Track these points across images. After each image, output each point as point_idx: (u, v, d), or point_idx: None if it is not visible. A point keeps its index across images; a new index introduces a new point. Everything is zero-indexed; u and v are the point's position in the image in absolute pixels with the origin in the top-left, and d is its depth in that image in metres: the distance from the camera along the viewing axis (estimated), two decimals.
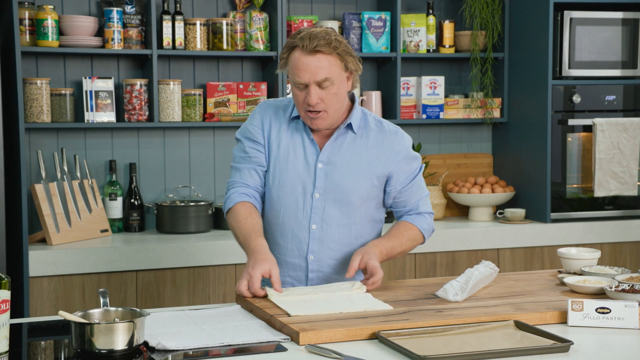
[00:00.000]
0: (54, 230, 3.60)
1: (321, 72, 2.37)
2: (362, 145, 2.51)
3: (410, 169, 2.56)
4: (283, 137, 2.51)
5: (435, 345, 1.87)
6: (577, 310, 2.07)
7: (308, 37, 2.37)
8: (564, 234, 4.08)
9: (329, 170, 2.48)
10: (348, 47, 2.42)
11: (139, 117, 3.86)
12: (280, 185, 2.50)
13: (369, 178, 2.50)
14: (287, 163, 2.49)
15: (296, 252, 2.51)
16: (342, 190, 2.48)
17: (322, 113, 2.42)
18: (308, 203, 2.49)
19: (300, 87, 2.40)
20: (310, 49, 2.36)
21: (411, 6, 4.37)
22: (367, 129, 2.54)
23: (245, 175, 2.53)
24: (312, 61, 2.36)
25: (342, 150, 2.50)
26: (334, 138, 2.50)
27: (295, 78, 2.39)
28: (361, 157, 2.50)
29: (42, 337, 2.16)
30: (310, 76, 2.37)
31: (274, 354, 1.87)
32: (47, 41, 3.68)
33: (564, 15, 4.06)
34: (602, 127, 4.09)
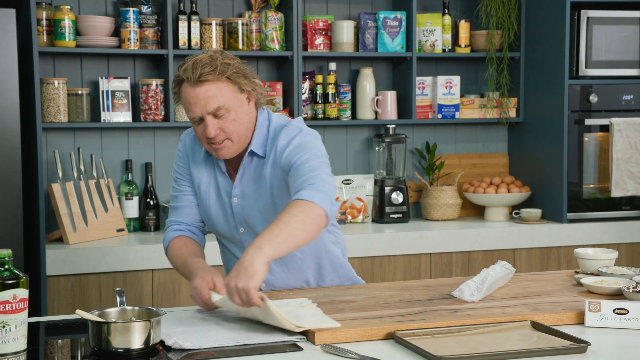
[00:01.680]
0: (71, 229, 3.62)
1: (212, 102, 2.20)
2: (260, 165, 2.33)
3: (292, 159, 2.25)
4: (202, 174, 2.41)
5: (451, 346, 1.87)
6: (595, 311, 2.05)
7: (191, 68, 2.20)
8: (580, 235, 4.06)
9: (245, 204, 2.35)
10: (239, 67, 2.24)
11: (155, 117, 3.87)
12: (212, 224, 2.44)
13: (271, 200, 2.32)
14: (209, 202, 2.41)
15: None
16: (262, 221, 2.32)
17: (225, 142, 2.25)
18: (238, 239, 2.40)
19: (197, 120, 2.24)
20: (195, 80, 2.19)
21: (427, 6, 4.36)
22: (273, 143, 2.32)
23: (180, 214, 2.44)
24: (200, 92, 2.19)
25: (251, 180, 2.34)
26: (243, 168, 2.33)
27: (189, 113, 2.24)
28: (271, 181, 2.31)
29: (59, 335, 2.17)
30: (201, 108, 2.20)
31: (290, 354, 1.87)
32: (64, 41, 3.70)
33: (580, 14, 4.04)
34: (619, 126, 4.07)
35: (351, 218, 4.16)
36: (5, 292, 1.75)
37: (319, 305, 2.15)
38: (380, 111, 4.20)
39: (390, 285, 2.47)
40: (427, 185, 4.27)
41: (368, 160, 4.34)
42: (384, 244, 3.82)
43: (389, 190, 4.16)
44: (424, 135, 4.41)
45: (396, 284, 2.52)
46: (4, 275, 1.76)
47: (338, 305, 2.19)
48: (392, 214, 4.15)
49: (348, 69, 4.30)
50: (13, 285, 1.76)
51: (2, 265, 1.77)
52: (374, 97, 4.20)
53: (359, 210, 4.19)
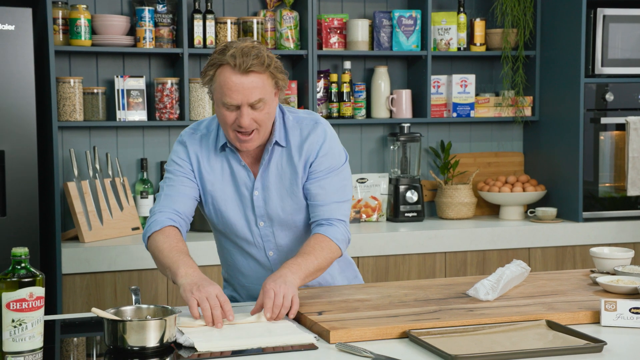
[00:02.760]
0: (86, 228, 3.63)
1: (255, 93, 2.18)
2: (290, 157, 2.34)
3: (325, 166, 2.34)
4: (215, 172, 2.35)
5: (467, 345, 1.87)
6: (611, 310, 2.05)
7: (240, 55, 2.16)
8: (596, 233, 4.04)
9: (266, 196, 2.34)
10: (278, 63, 2.25)
11: (170, 116, 3.88)
12: (226, 224, 2.37)
13: (299, 189, 2.34)
14: (225, 200, 2.35)
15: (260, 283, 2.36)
16: (277, 215, 2.34)
17: (253, 134, 2.24)
18: (257, 234, 2.37)
19: (231, 108, 2.21)
20: (244, 69, 2.16)
21: (442, 4, 4.35)
22: (288, 136, 2.35)
23: (175, 202, 2.31)
24: (245, 81, 2.17)
25: (273, 171, 2.34)
26: (265, 161, 2.33)
27: (226, 99, 2.19)
28: (292, 171, 2.33)
29: (75, 333, 2.18)
30: (243, 98, 2.18)
31: (305, 352, 1.87)
32: (80, 40, 3.71)
33: (597, 12, 4.02)
34: (636, 125, 4.05)
35: (366, 217, 4.16)
36: (21, 290, 1.76)
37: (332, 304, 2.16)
38: (395, 110, 4.19)
39: (405, 284, 2.47)
40: (442, 184, 4.26)
41: (383, 159, 4.33)
42: (398, 242, 3.82)
43: (403, 189, 4.15)
44: (438, 133, 4.40)
45: (411, 282, 2.51)
46: (20, 273, 1.77)
47: (353, 304, 2.19)
48: (406, 212, 4.14)
49: (363, 67, 4.29)
50: (29, 283, 1.77)
51: (18, 264, 1.78)
52: (389, 95, 4.20)
53: (373, 209, 4.19)
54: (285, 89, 2.31)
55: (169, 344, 1.89)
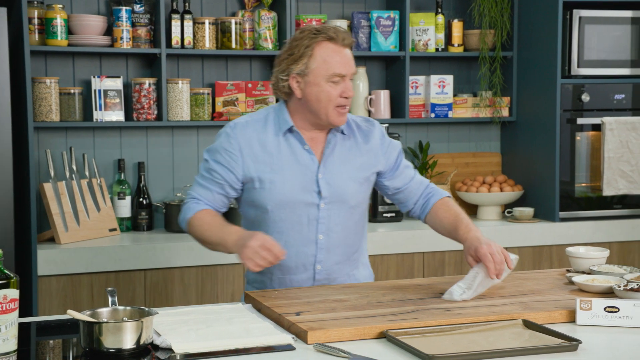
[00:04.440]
0: (63, 229, 3.61)
1: (354, 65, 2.39)
2: (352, 145, 2.50)
3: (395, 152, 2.57)
4: (272, 155, 2.42)
5: (444, 344, 1.87)
6: (586, 309, 2.06)
7: (336, 29, 2.36)
8: (572, 233, 4.07)
9: (330, 179, 2.44)
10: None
11: (148, 116, 3.86)
12: (280, 206, 2.42)
13: (364, 177, 2.50)
14: (283, 181, 2.41)
15: (302, 267, 2.47)
16: (344, 195, 2.45)
17: (348, 107, 2.41)
18: (314, 216, 2.44)
19: (336, 80, 2.36)
20: (345, 43, 2.36)
21: (420, 5, 4.36)
22: (352, 129, 2.52)
23: (209, 196, 2.44)
24: (348, 54, 2.37)
25: (337, 155, 2.47)
26: (332, 144, 2.46)
27: (336, 70, 2.35)
28: (355, 157, 2.48)
29: (51, 336, 2.17)
30: (349, 68, 2.37)
31: (282, 353, 1.87)
32: (56, 40, 3.69)
33: (573, 13, 4.05)
34: (611, 126, 4.08)
35: None
36: None
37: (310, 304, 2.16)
38: (374, 110, 4.20)
39: (383, 285, 2.47)
40: None
41: None
42: (377, 243, 3.82)
43: None
44: (417, 134, 4.41)
45: (389, 283, 2.52)
46: None
47: (331, 305, 2.19)
48: (385, 213, 4.15)
49: None
50: (3, 285, 1.76)
51: None
52: (367, 96, 4.20)
53: None
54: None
55: (146, 345, 1.88)
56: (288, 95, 2.45)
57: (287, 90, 2.43)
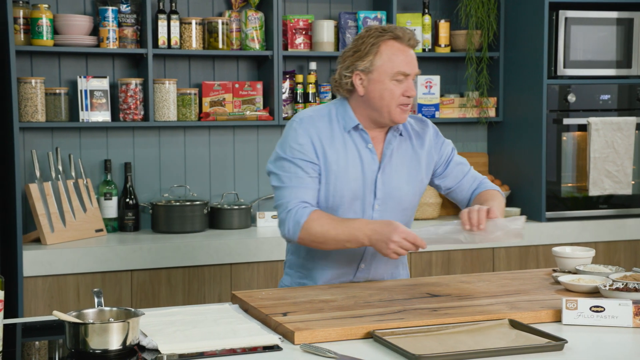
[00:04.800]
0: (49, 230, 3.59)
1: (417, 66, 2.42)
2: (409, 146, 2.52)
3: (447, 148, 2.60)
4: (338, 151, 2.42)
5: (430, 344, 1.87)
6: (572, 309, 2.07)
7: (406, 31, 2.39)
8: (558, 233, 4.08)
9: (386, 179, 2.46)
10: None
11: (134, 117, 3.85)
12: (338, 202, 2.42)
13: (420, 178, 2.53)
14: (345, 178, 2.42)
15: (346, 264, 2.49)
16: (400, 197, 2.48)
17: (409, 106, 2.43)
18: (368, 214, 2.46)
19: (400, 78, 2.38)
20: (410, 44, 2.39)
21: (407, 5, 4.37)
22: (408, 129, 2.54)
23: (312, 194, 2.40)
24: (412, 54, 2.40)
25: (396, 156, 2.48)
26: (392, 145, 2.47)
27: (400, 68, 2.37)
28: (411, 158, 2.51)
29: (37, 337, 2.16)
30: (413, 68, 2.39)
31: (269, 354, 1.86)
32: (41, 40, 3.67)
33: (559, 14, 4.07)
34: (597, 126, 4.10)
35: None
36: None
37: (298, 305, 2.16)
38: None
39: (369, 285, 2.47)
40: None
41: None
42: None
43: None
44: None
45: (376, 283, 2.52)
46: None
47: (318, 305, 2.19)
48: None
49: (328, 68, 4.29)
50: None
51: None
52: None
53: None
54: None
55: (132, 346, 1.87)
56: (350, 92, 2.46)
57: (349, 87, 2.44)
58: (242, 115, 3.97)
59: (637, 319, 2.04)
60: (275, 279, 3.69)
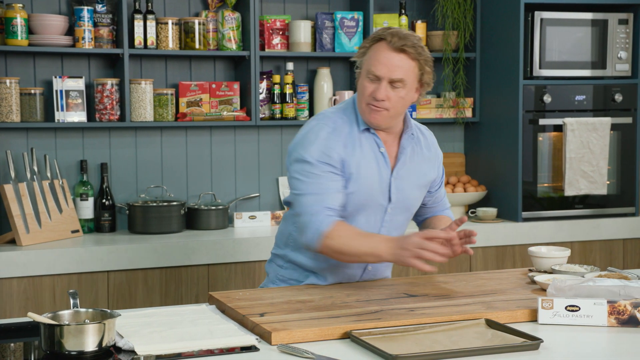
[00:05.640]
0: (24, 230, 3.56)
1: (399, 71, 2.34)
2: (419, 152, 2.53)
3: (442, 169, 2.65)
4: (355, 153, 2.40)
5: (407, 345, 1.88)
6: (547, 309, 2.08)
7: (397, 35, 2.35)
8: (535, 233, 4.11)
9: (399, 184, 2.47)
10: (430, 59, 2.41)
11: (110, 117, 3.83)
12: (352, 202, 2.40)
13: (425, 185, 2.56)
14: (362, 179, 2.40)
15: (355, 264, 2.49)
16: (409, 201, 2.51)
17: (383, 111, 2.37)
18: (379, 217, 2.46)
19: (372, 78, 2.36)
20: (397, 46, 2.34)
21: (384, 6, 4.38)
22: (416, 135, 2.54)
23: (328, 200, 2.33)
24: (394, 58, 2.34)
25: (408, 161, 2.49)
26: (407, 151, 2.48)
27: (372, 68, 2.35)
28: (421, 165, 2.53)
29: (11, 338, 2.14)
30: (387, 72, 2.34)
31: (246, 354, 1.86)
32: (16, 40, 3.64)
33: (534, 15, 4.09)
34: (572, 126, 4.13)
35: None
36: None
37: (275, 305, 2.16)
38: None
39: (347, 285, 2.48)
40: None
41: None
42: None
43: None
44: None
45: (353, 283, 2.52)
46: None
47: (295, 305, 2.19)
48: None
49: (305, 68, 4.29)
50: None
51: None
52: (332, 96, 4.21)
53: None
54: (429, 88, 2.46)
55: (108, 347, 1.86)
56: None
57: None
58: (219, 115, 3.96)
59: (611, 318, 2.06)
60: (252, 279, 3.68)
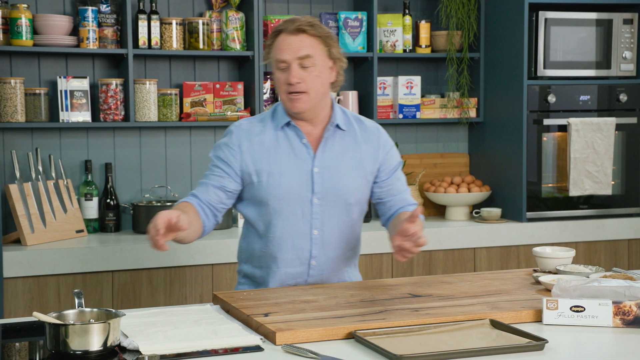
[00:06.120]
0: (29, 230, 3.57)
1: (303, 49, 2.38)
2: (351, 143, 2.52)
3: (395, 161, 2.60)
4: (271, 150, 2.46)
5: (412, 345, 1.88)
6: (552, 309, 2.08)
7: (291, 20, 2.41)
8: (539, 233, 4.10)
9: (325, 174, 2.47)
10: (332, 34, 2.45)
11: (115, 117, 3.84)
12: (276, 198, 2.44)
13: (363, 175, 2.52)
14: (280, 174, 2.45)
15: (297, 261, 2.49)
16: (340, 192, 2.48)
17: (302, 95, 2.41)
18: (307, 210, 2.46)
19: (282, 66, 2.40)
20: (293, 29, 2.39)
21: (387, 6, 4.38)
22: (351, 126, 2.54)
23: (201, 190, 2.47)
24: (294, 40, 2.39)
25: (335, 151, 2.49)
26: (325, 140, 2.49)
27: (277, 56, 2.40)
28: (353, 155, 2.51)
29: (17, 338, 2.14)
30: (292, 54, 2.38)
31: (250, 354, 1.86)
32: (21, 40, 3.65)
33: (539, 15, 4.09)
34: (577, 126, 4.12)
35: None
36: None
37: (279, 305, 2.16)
38: None
39: (351, 285, 2.48)
40: None
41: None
42: None
43: None
44: None
45: (357, 283, 2.52)
46: None
47: (299, 305, 2.19)
48: None
49: None
50: None
51: None
52: (336, 97, 4.21)
53: None
54: (343, 64, 2.49)
55: (113, 347, 1.87)
56: None
57: None
58: (223, 115, 3.96)
59: (616, 319, 2.06)
60: None
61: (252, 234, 2.56)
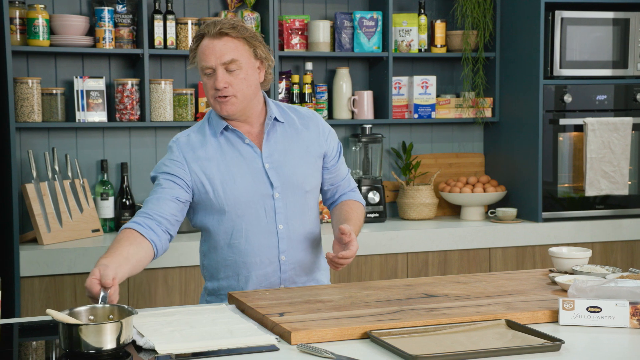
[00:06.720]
0: (45, 230, 3.59)
1: (227, 54, 2.35)
2: (292, 132, 2.52)
3: (335, 144, 2.62)
4: (215, 157, 2.44)
5: (427, 345, 1.87)
6: (568, 310, 2.07)
7: (213, 23, 2.37)
8: (555, 233, 4.09)
9: (278, 167, 2.46)
10: (256, 34, 2.42)
11: (131, 117, 3.85)
12: (235, 203, 2.42)
13: (312, 161, 2.52)
14: (233, 178, 2.42)
15: (267, 261, 2.47)
16: (297, 181, 2.48)
17: (230, 98, 2.39)
18: (270, 206, 2.45)
19: (208, 72, 2.38)
20: (215, 33, 2.35)
21: (403, 6, 4.37)
22: (288, 116, 2.54)
23: (151, 206, 2.37)
24: (217, 44, 2.36)
25: (279, 144, 2.49)
26: (266, 135, 2.47)
27: (202, 63, 2.38)
28: (298, 144, 2.51)
29: (33, 337, 2.16)
30: (216, 59, 2.36)
31: (266, 354, 1.86)
32: (37, 40, 3.67)
33: (555, 15, 4.07)
34: (593, 126, 4.10)
35: (327, 217, 4.17)
36: None
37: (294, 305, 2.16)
38: (357, 111, 4.20)
39: (366, 285, 2.47)
40: (404, 184, 4.28)
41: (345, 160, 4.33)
42: (360, 243, 3.82)
43: (365, 190, 4.16)
44: (400, 135, 4.42)
45: (372, 283, 2.52)
46: None
47: (315, 305, 2.19)
48: (368, 213, 4.15)
49: (324, 68, 4.30)
50: None
51: None
52: (351, 96, 4.21)
53: None
54: (271, 63, 2.46)
55: (126, 344, 1.87)
56: None
57: None
58: None
59: (633, 320, 2.04)
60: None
61: (215, 246, 2.51)
